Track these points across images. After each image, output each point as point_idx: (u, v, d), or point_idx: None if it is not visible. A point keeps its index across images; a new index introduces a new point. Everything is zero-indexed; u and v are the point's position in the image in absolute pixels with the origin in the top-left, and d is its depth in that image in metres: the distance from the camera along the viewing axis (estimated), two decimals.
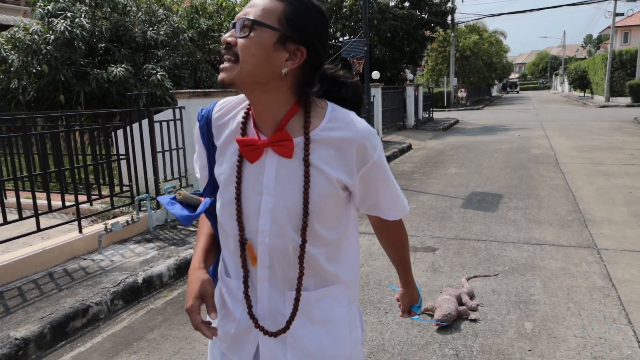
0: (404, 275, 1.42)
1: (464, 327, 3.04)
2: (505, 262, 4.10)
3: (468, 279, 3.69)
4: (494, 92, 55.46)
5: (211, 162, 1.21)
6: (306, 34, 1.05)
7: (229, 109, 1.19)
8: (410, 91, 16.78)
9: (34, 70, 8.27)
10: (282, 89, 1.07)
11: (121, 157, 5.12)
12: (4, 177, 4.20)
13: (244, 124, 1.14)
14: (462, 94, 31.14)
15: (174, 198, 1.25)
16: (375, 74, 13.81)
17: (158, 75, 8.26)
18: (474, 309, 3.22)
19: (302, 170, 1.08)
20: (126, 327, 3.25)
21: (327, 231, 1.13)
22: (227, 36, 1.05)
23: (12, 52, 8.36)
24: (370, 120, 12.69)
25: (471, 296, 3.40)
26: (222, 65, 1.06)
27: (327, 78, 1.15)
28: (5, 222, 3.84)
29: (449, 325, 3.03)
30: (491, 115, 23.88)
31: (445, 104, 30.51)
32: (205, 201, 1.22)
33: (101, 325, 3.27)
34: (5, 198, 4.60)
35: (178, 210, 1.20)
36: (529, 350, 2.75)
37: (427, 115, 19.72)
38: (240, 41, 1.03)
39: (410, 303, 1.47)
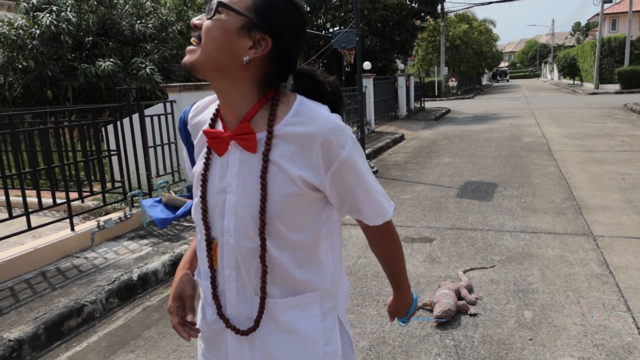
0: (393, 287, 1.32)
1: (464, 318, 3.02)
2: (503, 251, 4.10)
3: (465, 272, 3.67)
4: (484, 81, 55.56)
5: (193, 162, 1.18)
6: (274, 24, 1.00)
7: (204, 107, 1.16)
8: (401, 81, 16.72)
9: (20, 66, 8.12)
10: (246, 79, 1.02)
11: (112, 152, 5.04)
12: None
13: (213, 119, 1.10)
14: (452, 83, 31.15)
15: (159, 201, 1.21)
16: (367, 65, 13.75)
17: (147, 69, 8.14)
18: (473, 303, 3.19)
19: (261, 167, 1.02)
20: (122, 325, 3.21)
21: (294, 233, 1.06)
22: (195, 19, 1.02)
23: None
24: (362, 111, 12.64)
25: (470, 289, 3.37)
26: (187, 48, 1.02)
27: (302, 76, 1.09)
28: None
29: (448, 320, 3.00)
30: (482, 104, 23.91)
31: (436, 94, 30.50)
32: (188, 203, 1.18)
33: (97, 324, 3.22)
34: None
35: (157, 213, 1.16)
36: (530, 340, 2.74)
37: (418, 105, 19.69)
38: (205, 23, 0.99)
39: (396, 315, 1.37)
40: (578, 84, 37.25)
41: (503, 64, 79.88)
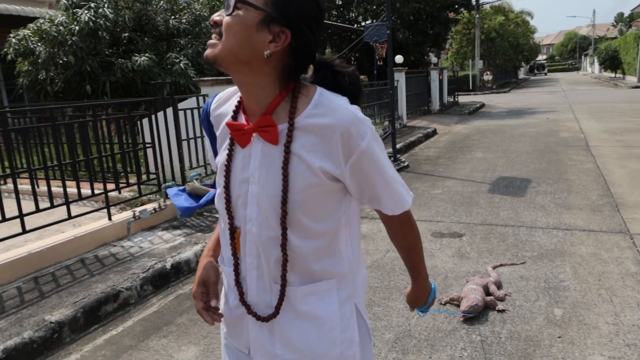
0: (412, 277, 1.33)
1: (491, 314, 3.00)
2: (534, 248, 4.03)
3: (494, 268, 3.62)
4: (521, 74, 54.13)
5: (216, 152, 1.21)
6: (292, 17, 1.01)
7: (226, 99, 1.19)
8: (434, 75, 16.50)
9: (61, 61, 8.42)
10: (267, 72, 1.04)
11: (147, 145, 5.19)
12: (34, 166, 4.31)
13: (236, 111, 1.13)
14: (487, 77, 30.49)
15: (183, 189, 1.25)
16: (399, 58, 13.64)
17: (181, 64, 8.31)
18: (502, 299, 3.16)
19: (283, 158, 1.05)
20: (156, 311, 3.32)
21: (314, 222, 1.08)
22: (215, 15, 1.04)
23: (39, 44, 8.52)
24: (394, 105, 12.54)
25: (498, 285, 3.33)
26: (208, 42, 1.05)
27: (322, 66, 1.11)
28: (38, 210, 3.95)
29: (475, 315, 2.98)
30: (518, 98, 23.35)
31: (470, 88, 29.94)
32: (210, 192, 1.22)
33: (132, 310, 3.35)
34: (37, 187, 4.72)
35: (180, 201, 1.20)
36: (559, 337, 2.70)
37: (452, 99, 19.39)
38: (225, 19, 1.01)
39: (414, 305, 1.38)
40: (620, 77, 35.84)
41: (541, 57, 77.63)
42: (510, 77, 43.08)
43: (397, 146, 9.19)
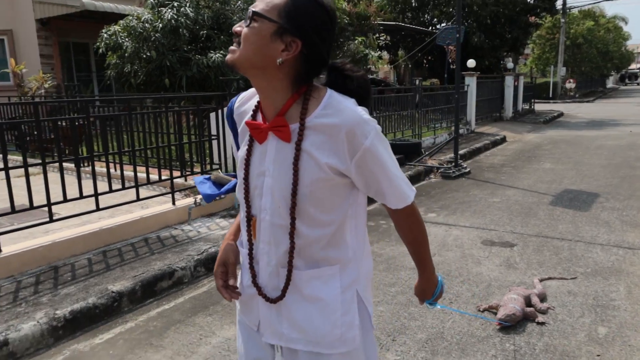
0: (418, 270, 1.41)
1: (530, 325, 2.95)
2: (589, 264, 3.87)
3: (541, 280, 3.53)
4: (610, 83, 50.59)
5: (238, 146, 1.34)
6: (303, 28, 1.11)
7: (248, 98, 1.31)
8: (509, 81, 15.90)
9: (144, 56, 9.05)
10: (280, 77, 1.15)
11: (213, 137, 5.51)
12: (111, 151, 4.73)
13: (255, 110, 1.25)
14: (570, 84, 28.85)
15: (209, 178, 1.39)
16: (471, 62, 13.32)
17: None
18: (544, 312, 3.07)
19: (294, 155, 1.16)
20: (205, 292, 3.57)
21: (322, 214, 1.19)
22: (236, 26, 1.16)
23: (127, 39, 9.21)
24: (462, 110, 12.27)
25: (542, 298, 3.25)
26: (229, 48, 1.17)
27: (333, 70, 1.20)
28: (111, 191, 4.34)
29: (512, 325, 2.94)
30: (602, 108, 21.90)
31: (550, 95, 28.48)
32: (232, 181, 1.35)
33: (184, 288, 3.61)
34: (115, 170, 5.17)
35: (205, 189, 1.34)
36: (598, 356, 2.61)
37: (527, 107, 18.57)
38: (244, 30, 1.13)
39: (423, 297, 1.45)
40: None
41: (634, 66, 72.03)
42: (597, 86, 40.41)
43: (461, 152, 9.03)
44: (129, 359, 2.70)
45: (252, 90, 1.31)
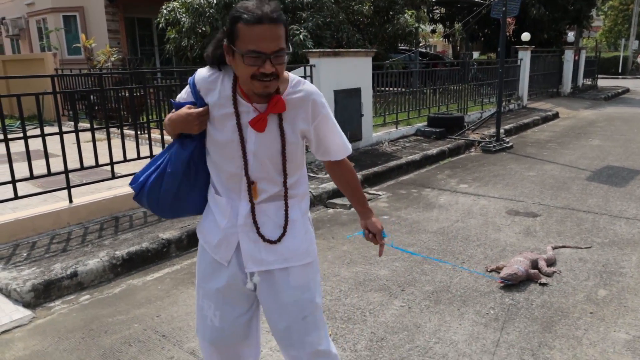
0: (363, 206, 1.75)
1: (533, 285, 3.16)
2: (608, 235, 3.97)
3: (555, 248, 3.69)
4: None
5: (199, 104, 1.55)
6: (288, 38, 1.43)
7: (206, 80, 1.54)
8: (569, 55, 15.25)
9: (200, 31, 9.56)
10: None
11: None
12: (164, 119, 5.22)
13: (234, 101, 1.48)
14: None
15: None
16: (525, 36, 12.89)
17: (301, 36, 8.95)
18: (549, 275, 3.24)
19: (279, 126, 1.51)
20: None
21: (295, 167, 1.58)
22: (269, 67, 1.37)
23: (184, 15, 9.74)
24: (514, 85, 12.02)
25: (550, 264, 3.41)
26: (270, 84, 1.40)
27: None
28: None
29: (515, 284, 3.13)
30: None
31: (620, 71, 26.88)
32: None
33: None
34: None
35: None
36: (591, 313, 2.81)
37: (589, 83, 17.76)
38: (279, 68, 1.39)
39: (380, 230, 1.73)
40: None
41: None
42: None
43: (507, 127, 8.99)
44: (173, 293, 3.18)
45: (205, 73, 1.54)
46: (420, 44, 16.42)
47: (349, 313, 2.87)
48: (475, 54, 22.88)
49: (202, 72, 1.55)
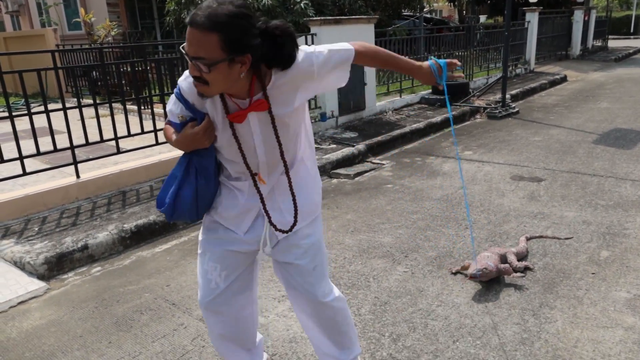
0: (410, 66, 1.71)
1: (536, 247, 3.19)
2: (613, 198, 3.97)
3: (530, 239, 3.29)
4: None
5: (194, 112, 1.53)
6: (242, 45, 1.31)
7: (192, 88, 1.47)
8: (578, 15, 14.88)
9: (199, 2, 9.43)
10: (245, 79, 1.41)
11: None
12: (166, 92, 5.22)
13: (223, 102, 1.48)
14: None
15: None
16: None
17: (302, 4, 8.81)
18: (519, 270, 2.87)
19: (271, 121, 1.51)
20: None
21: (291, 143, 1.60)
22: (193, 71, 1.35)
23: None
24: (521, 48, 11.78)
25: (522, 257, 3.04)
26: (199, 86, 1.38)
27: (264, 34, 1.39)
28: None
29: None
30: None
31: (632, 31, 26.23)
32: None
33: None
34: None
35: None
36: (593, 273, 2.84)
37: (599, 44, 17.40)
38: (206, 76, 1.34)
39: (432, 80, 1.71)
40: None
41: None
42: None
43: (513, 92, 8.88)
44: (181, 263, 3.26)
45: (188, 82, 1.50)
46: (425, 10, 16.09)
47: (353, 279, 2.93)
48: (482, 18, 22.38)
49: (185, 84, 1.51)
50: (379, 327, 2.45)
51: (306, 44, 6.11)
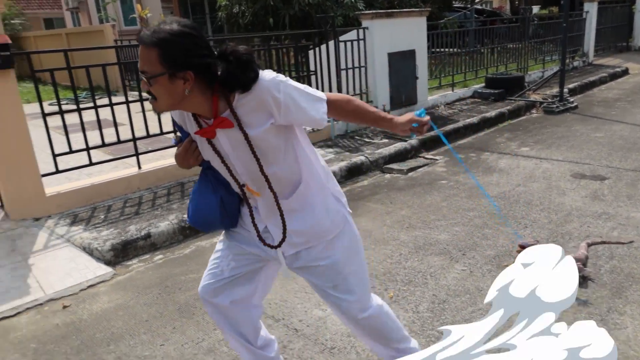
0: (383, 120, 1.68)
1: (600, 250, 3.07)
2: None
3: (591, 245, 3.04)
4: None
5: (182, 130, 1.62)
6: (183, 62, 1.35)
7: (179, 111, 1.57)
8: None
9: None
10: (196, 97, 1.42)
11: (311, 72, 5.90)
12: None
13: (196, 120, 1.52)
14: None
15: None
16: None
17: None
18: (586, 277, 2.72)
19: (243, 135, 1.48)
20: None
21: (274, 158, 1.54)
22: (143, 87, 1.41)
23: None
24: (579, 40, 11.28)
25: (583, 264, 2.81)
26: (150, 101, 1.43)
27: (223, 57, 1.42)
28: None
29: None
30: None
31: None
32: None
33: None
34: None
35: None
36: None
37: None
38: (152, 90, 1.39)
39: (408, 121, 1.68)
40: None
41: None
42: None
43: (572, 86, 8.53)
44: None
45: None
46: (476, 1, 15.65)
47: (409, 276, 2.91)
48: (535, 9, 21.54)
49: None
50: (438, 326, 2.42)
51: (357, 38, 6.08)
